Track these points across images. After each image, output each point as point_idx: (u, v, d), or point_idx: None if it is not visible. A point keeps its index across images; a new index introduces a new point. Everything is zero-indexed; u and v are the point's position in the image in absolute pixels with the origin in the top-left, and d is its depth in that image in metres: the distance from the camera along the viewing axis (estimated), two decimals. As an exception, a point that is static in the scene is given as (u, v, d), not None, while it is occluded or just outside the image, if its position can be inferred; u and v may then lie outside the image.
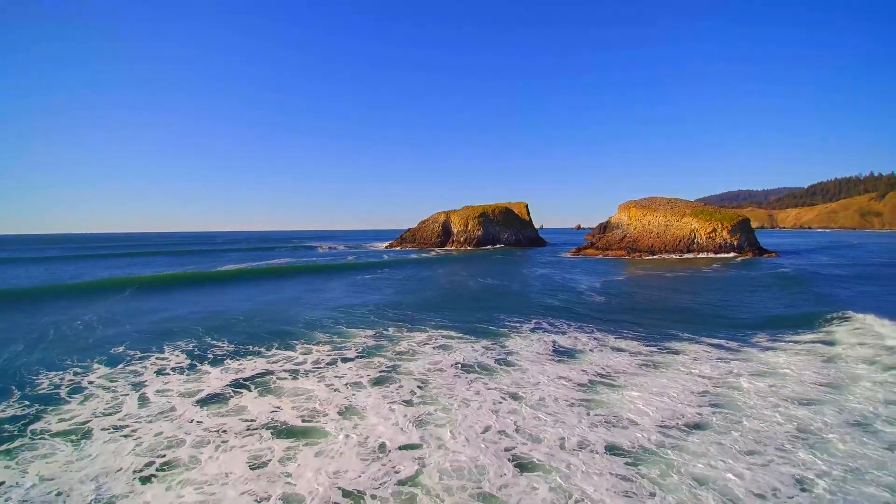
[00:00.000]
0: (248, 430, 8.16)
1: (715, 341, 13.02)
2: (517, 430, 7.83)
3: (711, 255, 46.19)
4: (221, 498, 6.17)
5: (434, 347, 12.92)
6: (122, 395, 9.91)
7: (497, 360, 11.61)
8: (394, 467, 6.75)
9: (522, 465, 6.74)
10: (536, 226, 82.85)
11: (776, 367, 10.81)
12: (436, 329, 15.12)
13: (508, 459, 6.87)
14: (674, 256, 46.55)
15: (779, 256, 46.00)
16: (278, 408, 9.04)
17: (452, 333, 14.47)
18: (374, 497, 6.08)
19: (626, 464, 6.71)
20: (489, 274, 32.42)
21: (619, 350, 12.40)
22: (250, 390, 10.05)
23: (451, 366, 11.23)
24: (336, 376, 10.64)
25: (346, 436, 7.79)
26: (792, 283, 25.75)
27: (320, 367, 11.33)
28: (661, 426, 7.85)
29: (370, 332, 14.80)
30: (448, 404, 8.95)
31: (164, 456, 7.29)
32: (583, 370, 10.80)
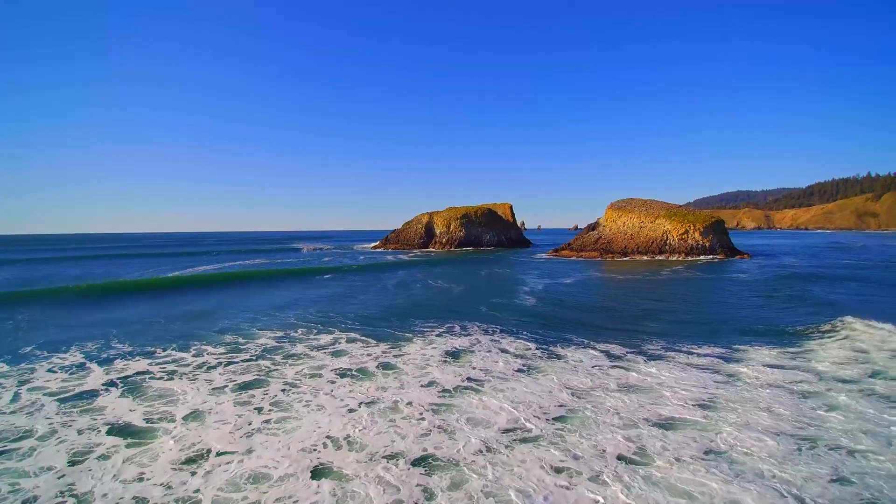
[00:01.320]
0: (90, 427, 8.41)
1: (605, 347, 12.93)
2: (346, 438, 7.85)
3: (682, 256, 46.07)
4: (28, 487, 6.49)
5: (329, 352, 12.94)
6: (4, 391, 10.26)
7: (381, 365, 11.64)
8: (205, 474, 6.80)
9: (321, 473, 6.78)
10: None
11: (654, 381, 10.26)
12: (345, 332, 15.18)
13: (313, 468, 6.89)
14: (645, 258, 46.48)
15: (751, 258, 45.89)
16: (132, 409, 9.18)
17: (358, 336, 14.52)
18: (154, 504, 6.17)
19: (423, 473, 6.70)
20: (446, 276, 32.45)
21: (505, 352, 12.44)
22: (118, 388, 10.31)
23: (332, 370, 11.28)
24: (208, 379, 10.72)
25: (175, 439, 7.89)
26: (739, 286, 25.67)
27: (200, 370, 11.42)
28: (488, 437, 7.76)
29: (278, 334, 14.88)
30: (300, 411, 8.98)
31: (6, 447, 7.70)
32: (458, 374, 10.81)
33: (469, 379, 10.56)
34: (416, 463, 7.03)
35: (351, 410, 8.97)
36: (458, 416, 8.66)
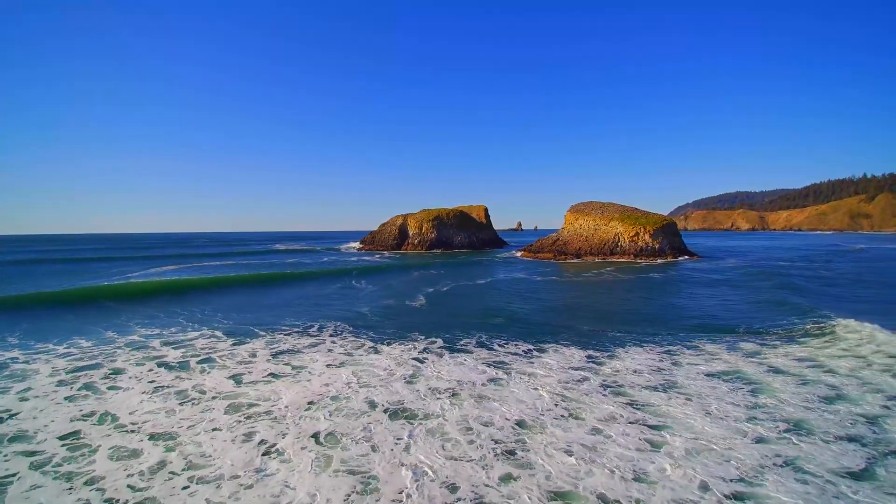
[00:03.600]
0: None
1: (429, 342, 14.36)
2: (113, 413, 9.31)
3: (631, 258, 47.20)
4: None
5: (175, 346, 14.43)
6: None
7: (204, 360, 12.92)
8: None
9: (70, 436, 8.38)
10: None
11: (433, 373, 11.32)
12: (216, 329, 16.68)
13: (66, 433, 8.47)
14: (596, 260, 47.71)
15: (699, 260, 46.95)
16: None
17: (219, 334, 15.97)
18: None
19: (149, 441, 8.13)
20: (378, 278, 33.60)
21: (332, 351, 13.75)
22: (-26, 368, 12.17)
23: (159, 361, 12.77)
24: (55, 364, 12.50)
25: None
26: (637, 286, 26.89)
27: (57, 357, 13.20)
28: (232, 420, 8.90)
29: (154, 332, 16.45)
30: (102, 391, 10.58)
31: None
32: (269, 370, 11.92)
33: (272, 374, 11.65)
34: (153, 435, 8.48)
35: (143, 393, 10.47)
36: (230, 402, 9.84)
